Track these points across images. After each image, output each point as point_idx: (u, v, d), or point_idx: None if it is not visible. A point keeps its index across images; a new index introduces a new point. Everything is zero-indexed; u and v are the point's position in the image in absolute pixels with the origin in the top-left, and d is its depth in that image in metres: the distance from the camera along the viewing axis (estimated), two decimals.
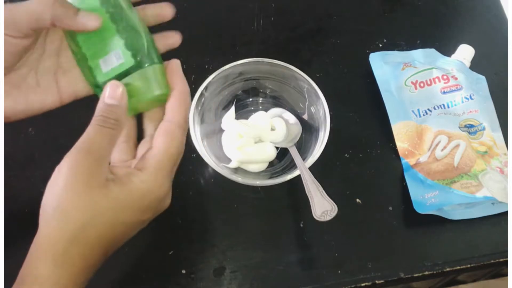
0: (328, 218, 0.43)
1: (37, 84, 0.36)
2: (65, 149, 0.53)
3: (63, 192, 0.31)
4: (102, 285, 0.44)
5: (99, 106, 0.34)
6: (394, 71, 0.58)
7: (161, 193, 0.34)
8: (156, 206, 0.34)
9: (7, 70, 0.34)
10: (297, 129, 0.53)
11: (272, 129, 0.53)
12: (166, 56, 0.63)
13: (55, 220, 0.31)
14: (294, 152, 0.50)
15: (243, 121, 0.53)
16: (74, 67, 0.37)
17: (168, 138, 0.34)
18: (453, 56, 0.59)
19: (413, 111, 0.56)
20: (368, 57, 0.59)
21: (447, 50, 0.60)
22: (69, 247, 0.30)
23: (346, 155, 0.54)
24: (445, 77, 0.56)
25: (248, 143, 0.51)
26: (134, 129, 0.40)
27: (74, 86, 0.37)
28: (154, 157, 0.34)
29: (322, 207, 0.44)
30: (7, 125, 0.53)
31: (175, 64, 0.37)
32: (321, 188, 0.45)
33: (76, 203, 0.30)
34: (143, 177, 0.33)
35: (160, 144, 0.34)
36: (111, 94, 0.33)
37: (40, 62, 0.36)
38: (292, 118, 0.54)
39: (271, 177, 0.50)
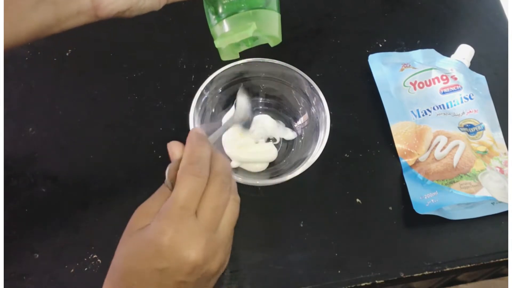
0: None
1: None
2: (65, 149, 0.53)
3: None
4: None
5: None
6: (392, 72, 0.58)
7: (163, 240, 0.32)
8: (170, 256, 0.32)
9: None
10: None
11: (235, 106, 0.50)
12: (163, 52, 0.63)
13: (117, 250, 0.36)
14: (225, 125, 0.46)
15: None
16: None
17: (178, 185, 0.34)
18: (452, 56, 0.59)
19: (412, 111, 0.56)
20: (368, 57, 0.59)
21: (447, 50, 0.60)
22: (123, 276, 0.34)
23: (346, 155, 0.54)
24: (444, 77, 0.56)
25: (248, 143, 0.51)
26: None
27: None
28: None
29: None
30: (7, 125, 0.53)
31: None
32: None
33: (120, 243, 0.36)
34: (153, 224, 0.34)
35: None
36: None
37: None
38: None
39: (271, 177, 0.50)
